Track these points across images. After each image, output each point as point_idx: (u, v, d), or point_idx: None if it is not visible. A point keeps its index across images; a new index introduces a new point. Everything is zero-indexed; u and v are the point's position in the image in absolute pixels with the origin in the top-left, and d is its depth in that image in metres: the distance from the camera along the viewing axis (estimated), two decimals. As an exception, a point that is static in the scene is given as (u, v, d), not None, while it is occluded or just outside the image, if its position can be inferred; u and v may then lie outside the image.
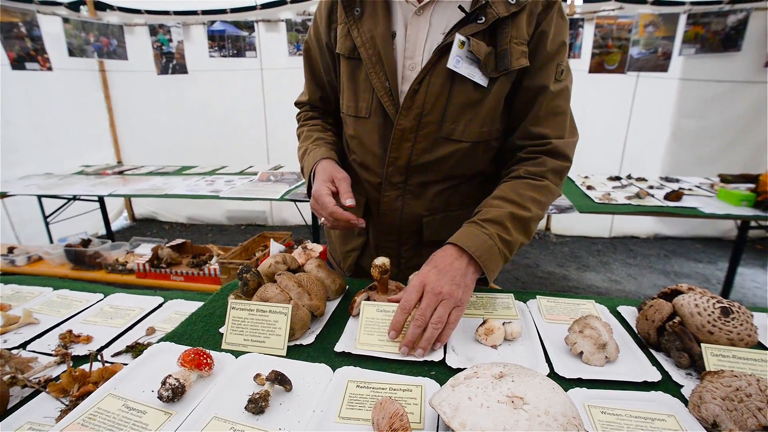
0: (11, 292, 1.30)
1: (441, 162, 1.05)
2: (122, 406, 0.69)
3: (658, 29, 3.99)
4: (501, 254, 0.92)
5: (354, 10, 1.02)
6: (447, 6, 0.98)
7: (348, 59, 1.07)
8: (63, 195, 3.31)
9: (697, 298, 0.82)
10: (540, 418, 0.51)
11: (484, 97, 0.99)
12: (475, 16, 0.93)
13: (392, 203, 1.11)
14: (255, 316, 0.86)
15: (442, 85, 0.97)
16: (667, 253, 4.59)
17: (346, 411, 0.67)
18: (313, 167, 1.11)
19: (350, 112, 1.12)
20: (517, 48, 0.95)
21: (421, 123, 1.01)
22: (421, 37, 1.00)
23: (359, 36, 1.01)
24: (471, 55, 0.94)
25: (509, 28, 0.94)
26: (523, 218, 0.96)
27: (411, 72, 1.01)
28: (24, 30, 3.68)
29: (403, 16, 1.01)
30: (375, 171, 1.11)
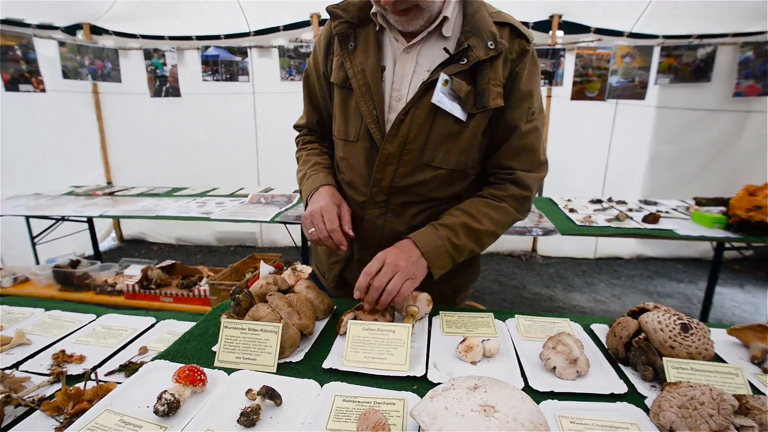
0: (2, 313, 1.32)
1: (421, 185, 1.15)
2: (119, 420, 0.72)
3: (635, 60, 4.20)
4: (448, 255, 1.07)
5: (348, 44, 1.13)
6: (432, 47, 1.09)
7: (341, 88, 1.17)
8: (52, 216, 3.32)
9: (660, 316, 0.89)
10: (509, 424, 0.56)
11: (463, 130, 1.09)
12: (458, 58, 1.04)
13: (375, 220, 1.19)
14: (247, 334, 0.90)
15: (425, 117, 1.07)
16: (650, 274, 4.70)
17: (333, 423, 0.72)
18: (312, 192, 1.20)
19: (340, 136, 1.22)
20: (494, 89, 1.06)
21: (405, 149, 1.10)
22: (408, 73, 1.11)
23: (351, 68, 1.11)
24: (453, 92, 1.05)
25: (488, 70, 1.05)
26: (475, 229, 1.10)
27: (397, 103, 1.11)
28: (19, 53, 3.75)
29: (393, 53, 1.12)
30: (360, 190, 1.20)
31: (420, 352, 0.93)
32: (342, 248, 1.10)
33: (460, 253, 1.09)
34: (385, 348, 0.88)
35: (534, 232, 2.64)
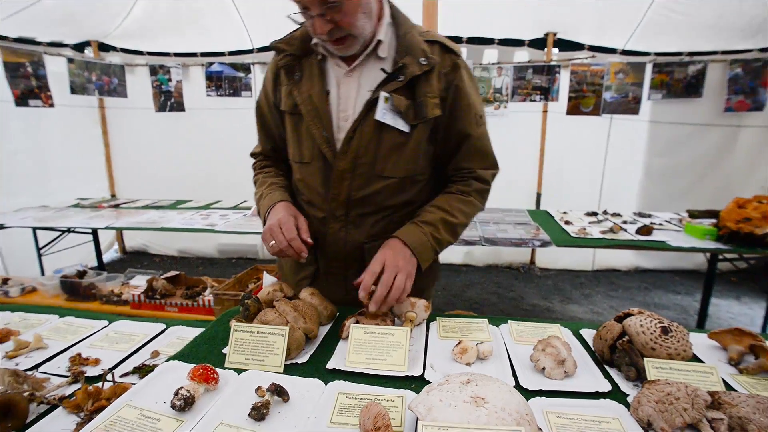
0: (19, 319, 1.38)
1: (375, 195, 1.23)
2: (138, 414, 0.78)
3: (628, 76, 4.32)
4: (432, 248, 1.19)
5: (294, 74, 1.23)
6: (371, 68, 1.20)
7: (291, 115, 1.27)
8: (58, 227, 3.38)
9: (642, 320, 0.95)
10: (497, 414, 0.62)
11: (408, 141, 1.20)
12: (395, 76, 1.15)
13: (336, 234, 1.27)
14: (256, 337, 0.96)
15: (372, 132, 1.17)
16: (647, 286, 4.75)
17: (337, 417, 0.77)
18: (269, 209, 1.27)
19: (296, 159, 1.31)
20: (431, 101, 1.17)
21: (357, 164, 1.20)
22: (352, 94, 1.21)
23: (299, 95, 1.21)
24: (394, 107, 1.15)
25: (423, 85, 1.17)
26: (452, 223, 1.23)
27: (344, 123, 1.21)
28: (30, 69, 3.86)
29: (336, 78, 1.22)
30: (320, 207, 1.28)
31: (418, 354, 0.99)
32: (303, 255, 1.17)
33: (441, 245, 1.22)
34: (385, 350, 0.94)
35: (531, 243, 2.70)
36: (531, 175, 4.83)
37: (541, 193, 4.84)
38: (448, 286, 4.69)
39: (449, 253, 5.38)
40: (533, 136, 4.73)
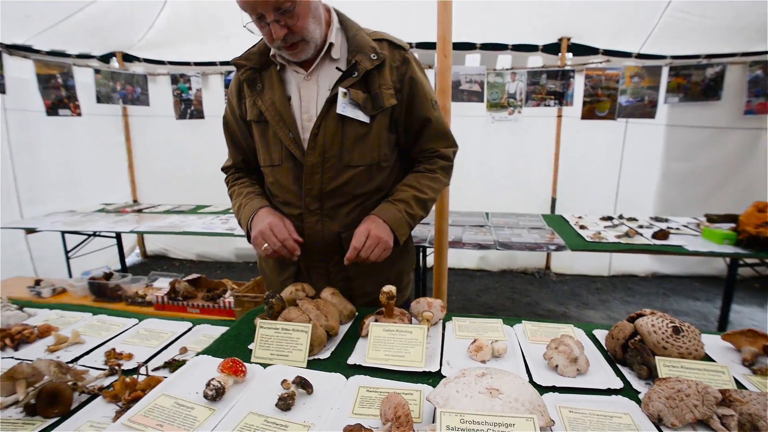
0: (56, 316, 1.46)
1: (346, 185, 1.33)
2: (174, 403, 0.84)
3: (644, 80, 4.29)
4: (407, 223, 1.32)
5: (256, 86, 1.32)
6: (327, 70, 1.31)
7: (257, 123, 1.36)
8: (85, 231, 3.52)
9: (654, 320, 0.97)
10: (511, 404, 0.66)
11: (370, 131, 1.30)
12: (350, 72, 1.26)
13: (313, 227, 1.35)
14: (280, 333, 1.01)
15: (335, 126, 1.27)
16: (665, 292, 4.68)
17: (359, 409, 0.82)
18: (251, 216, 1.35)
19: (266, 164, 1.40)
20: (386, 92, 1.28)
21: (326, 157, 1.29)
22: (313, 96, 1.31)
23: (263, 104, 1.31)
24: (352, 101, 1.26)
25: (377, 78, 1.28)
26: (422, 199, 1.35)
27: (308, 123, 1.31)
28: (60, 80, 4.03)
29: (296, 84, 1.32)
30: (295, 205, 1.37)
31: (434, 351, 1.03)
32: (297, 253, 1.28)
33: (414, 219, 1.34)
34: (403, 347, 0.98)
35: (546, 248, 2.71)
36: (545, 180, 4.82)
37: (556, 198, 4.83)
38: (462, 290, 4.70)
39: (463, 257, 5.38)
40: (547, 141, 4.73)
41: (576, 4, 3.86)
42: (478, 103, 4.46)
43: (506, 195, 4.82)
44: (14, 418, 0.92)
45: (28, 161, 4.07)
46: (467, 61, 4.53)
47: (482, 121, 4.55)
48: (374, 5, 3.93)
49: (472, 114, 4.50)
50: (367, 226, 1.26)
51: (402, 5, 3.82)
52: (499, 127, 4.58)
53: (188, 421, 0.79)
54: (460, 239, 2.74)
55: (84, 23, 3.79)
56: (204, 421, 0.79)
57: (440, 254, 1.99)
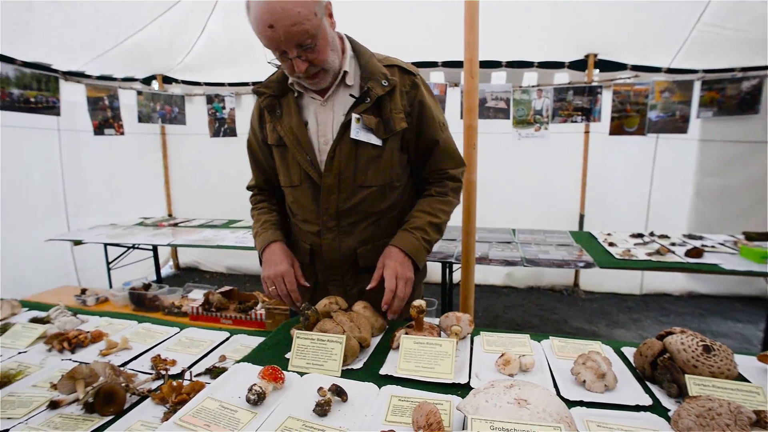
0: (106, 323, 1.57)
1: (360, 204, 1.40)
2: (218, 405, 0.90)
3: (674, 95, 4.22)
4: (425, 249, 1.38)
5: (276, 112, 1.40)
6: (342, 96, 1.38)
7: (277, 147, 1.44)
8: (125, 244, 3.71)
9: (684, 338, 0.98)
10: (539, 414, 0.68)
11: (382, 153, 1.37)
12: (363, 98, 1.33)
13: (331, 243, 1.43)
14: (316, 344, 1.07)
15: (350, 149, 1.34)
16: (702, 312, 4.50)
17: (391, 416, 0.86)
18: (263, 247, 1.46)
19: (286, 184, 1.48)
20: (397, 116, 1.36)
21: (341, 179, 1.37)
22: (329, 121, 1.38)
23: (281, 129, 1.39)
24: (365, 126, 1.33)
25: (388, 103, 1.35)
26: (437, 223, 1.41)
27: (325, 146, 1.39)
28: (107, 102, 4.32)
29: (313, 109, 1.40)
30: (313, 222, 1.44)
31: (463, 364, 1.06)
32: (297, 304, 1.35)
33: (431, 244, 1.41)
34: (433, 359, 1.02)
35: (573, 265, 2.69)
36: (573, 197, 4.77)
37: (584, 215, 4.76)
38: (489, 307, 4.66)
39: (490, 273, 5.35)
40: (575, 157, 4.69)
41: (602, 21, 3.87)
42: (504, 120, 4.48)
43: (533, 212, 4.79)
44: (75, 414, 1.00)
45: (76, 177, 4.35)
46: (493, 78, 4.59)
47: (508, 138, 4.56)
48: (402, 26, 4.05)
49: (498, 131, 4.53)
50: (393, 265, 1.29)
51: (429, 25, 3.93)
52: (525, 144, 4.59)
53: (232, 422, 0.85)
54: (487, 255, 2.75)
55: (130, 50, 4.07)
56: (247, 423, 0.85)
57: (467, 270, 2.01)
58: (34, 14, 3.19)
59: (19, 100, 3.55)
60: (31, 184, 3.98)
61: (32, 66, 3.64)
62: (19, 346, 1.36)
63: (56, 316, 1.57)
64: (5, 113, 3.50)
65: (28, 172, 3.94)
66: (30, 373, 1.20)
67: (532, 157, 4.77)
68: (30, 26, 3.29)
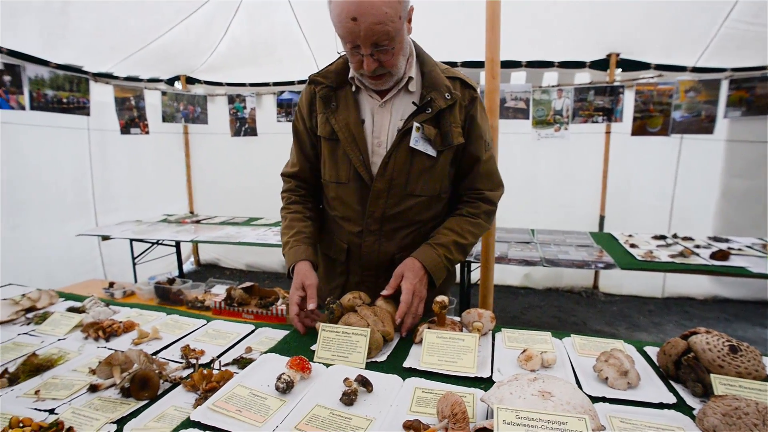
0: (136, 314, 1.63)
1: (407, 212, 1.40)
2: (249, 393, 0.94)
3: (700, 94, 4.13)
4: (445, 267, 1.35)
5: (331, 104, 1.38)
6: (402, 101, 1.37)
7: (328, 140, 1.41)
8: (150, 239, 3.82)
9: (709, 338, 0.97)
10: (563, 407, 0.70)
11: (435, 164, 1.36)
12: (424, 108, 1.32)
13: (371, 246, 1.43)
14: (341, 336, 1.10)
15: (405, 157, 1.34)
16: (728, 317, 4.38)
17: (416, 407, 0.88)
18: (292, 264, 1.41)
19: (332, 180, 1.45)
20: (455, 130, 1.35)
21: (392, 184, 1.36)
22: (385, 123, 1.37)
23: (336, 123, 1.36)
24: (424, 136, 1.32)
25: (448, 116, 1.33)
26: (462, 244, 1.39)
27: (378, 148, 1.37)
28: (133, 102, 4.45)
29: (370, 108, 1.38)
30: (356, 222, 1.44)
31: (485, 359, 1.08)
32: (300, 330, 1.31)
33: (452, 264, 1.39)
34: (455, 353, 1.04)
35: (593, 266, 2.66)
36: (593, 198, 4.71)
37: (604, 216, 4.69)
38: (506, 307, 4.63)
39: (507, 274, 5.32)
40: (595, 158, 4.63)
41: (625, 20, 3.81)
42: (523, 120, 4.46)
43: (551, 213, 4.74)
44: (113, 398, 1.05)
45: (103, 175, 4.50)
46: (513, 78, 4.56)
47: (528, 138, 4.54)
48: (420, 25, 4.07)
49: (518, 131, 4.51)
50: (412, 281, 1.26)
51: (448, 25, 3.93)
52: (545, 144, 4.55)
53: (263, 409, 0.89)
54: (506, 255, 2.75)
55: (156, 51, 4.19)
56: (276, 410, 0.88)
57: (487, 269, 2.02)
58: (67, 17, 3.32)
59: (53, 101, 3.69)
60: (62, 182, 4.13)
61: (65, 68, 3.78)
62: (58, 333, 1.43)
63: (90, 306, 1.65)
64: (40, 113, 3.64)
65: (60, 171, 4.10)
66: (69, 358, 1.26)
67: (552, 157, 4.73)
68: (64, 29, 3.43)
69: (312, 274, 1.36)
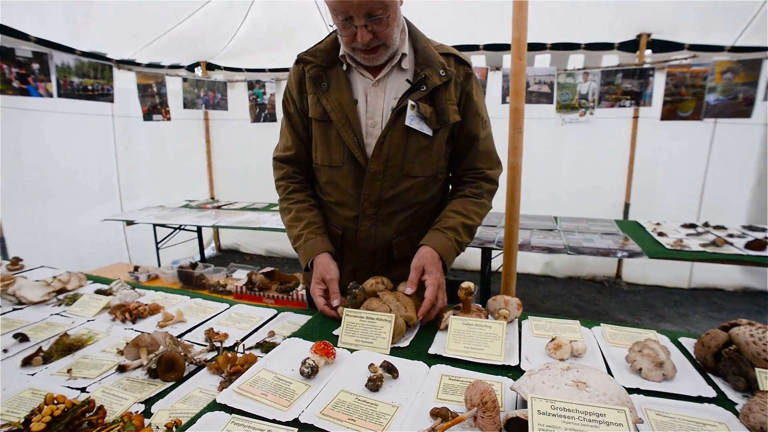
0: (161, 297, 1.66)
1: (404, 194, 1.36)
2: (274, 377, 0.94)
3: (738, 75, 3.92)
4: (455, 251, 1.32)
5: (322, 84, 1.33)
6: (395, 79, 1.32)
7: (320, 122, 1.36)
8: (172, 225, 3.89)
9: (753, 330, 0.92)
10: (599, 398, 0.67)
11: (432, 143, 1.33)
12: (419, 86, 1.28)
13: (367, 231, 1.39)
14: (365, 322, 1.09)
15: (401, 137, 1.30)
16: (759, 309, 4.23)
17: (442, 394, 0.87)
18: (310, 259, 1.36)
19: (324, 163, 1.40)
20: (451, 108, 1.31)
21: (388, 166, 1.32)
22: (379, 102, 1.33)
23: (328, 104, 1.31)
24: (420, 114, 1.28)
25: (443, 93, 1.30)
26: (470, 226, 1.36)
27: (373, 128, 1.33)
28: (155, 89, 4.50)
29: (363, 87, 1.33)
30: (350, 207, 1.39)
31: (512, 347, 1.05)
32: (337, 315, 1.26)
33: (462, 247, 1.36)
34: (482, 340, 1.02)
35: (618, 254, 2.59)
36: (618, 185, 4.57)
37: (629, 203, 4.55)
38: (526, 296, 4.58)
39: (527, 262, 5.24)
40: (622, 144, 4.48)
41: (658, -3, 3.63)
42: (546, 105, 4.33)
43: (575, 200, 4.62)
44: (141, 378, 1.07)
45: (128, 161, 4.59)
46: (536, 61, 4.42)
47: (551, 123, 4.41)
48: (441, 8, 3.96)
49: (541, 116, 4.38)
50: (436, 275, 1.22)
51: (471, 7, 3.82)
52: (569, 129, 4.41)
53: (288, 393, 0.88)
54: (528, 242, 2.69)
55: (176, 38, 4.20)
56: (302, 395, 0.88)
57: (510, 257, 1.98)
58: (90, 5, 3.35)
59: (78, 88, 3.76)
60: (89, 169, 4.23)
61: (89, 55, 3.83)
62: (87, 314, 1.46)
63: (117, 289, 1.68)
64: (67, 100, 3.71)
65: (86, 157, 4.19)
66: (99, 339, 1.29)
67: (576, 143, 4.59)
68: (87, 16, 3.46)
69: (333, 268, 1.32)
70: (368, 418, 0.80)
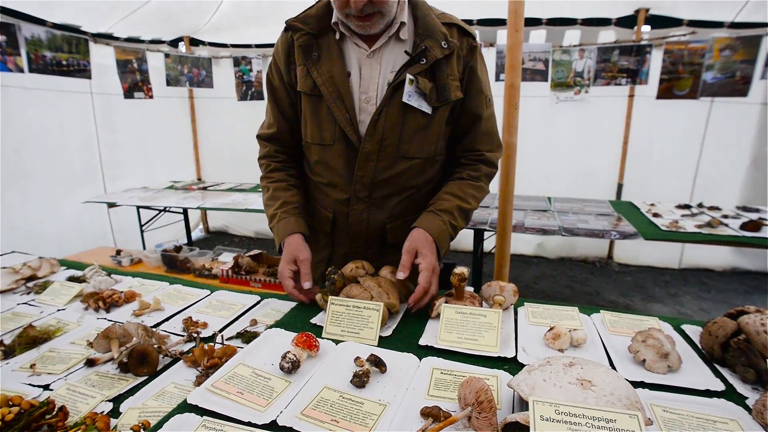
0: (138, 283, 1.57)
1: (399, 176, 1.27)
2: (251, 372, 0.87)
3: (737, 53, 3.83)
4: (449, 235, 1.23)
5: (312, 54, 1.21)
6: (393, 50, 1.21)
7: (309, 96, 1.24)
8: (156, 207, 3.77)
9: (764, 318, 0.87)
10: (606, 398, 0.61)
11: (431, 122, 1.23)
12: (418, 58, 1.16)
13: (360, 215, 1.31)
14: (351, 311, 1.02)
15: (397, 114, 1.19)
16: (747, 289, 4.27)
17: (434, 391, 0.80)
18: (282, 239, 1.27)
19: (315, 141, 1.29)
20: (452, 83, 1.20)
21: (383, 146, 1.22)
22: (374, 76, 1.21)
23: (319, 76, 1.20)
24: (419, 90, 1.17)
25: (445, 67, 1.19)
26: (466, 209, 1.27)
27: (366, 104, 1.22)
28: (135, 65, 4.30)
29: (357, 59, 1.22)
30: (342, 188, 1.30)
31: (508, 337, 0.99)
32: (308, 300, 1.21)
33: (456, 231, 1.27)
34: (476, 330, 0.95)
35: (612, 235, 2.54)
36: (612, 165, 4.52)
37: (622, 184, 4.51)
38: (518, 277, 4.56)
39: (519, 243, 5.22)
40: (616, 123, 4.41)
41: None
42: (541, 83, 4.22)
43: (568, 179, 4.57)
44: (111, 373, 1.00)
45: (110, 141, 4.42)
46: (531, 37, 4.29)
47: (545, 102, 4.31)
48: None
49: (535, 94, 4.28)
50: (431, 259, 1.12)
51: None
52: (563, 108, 4.32)
53: (266, 391, 0.81)
54: (522, 223, 2.63)
55: (156, 10, 3.99)
56: (282, 392, 0.81)
57: (503, 239, 1.92)
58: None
59: (52, 63, 3.56)
60: (68, 148, 4.06)
61: (62, 28, 3.62)
62: (57, 303, 1.38)
63: (91, 275, 1.59)
64: (41, 76, 3.52)
65: (66, 136, 4.01)
66: (68, 330, 1.21)
67: (570, 122, 4.50)
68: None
69: (305, 248, 1.23)
70: (353, 418, 0.73)
